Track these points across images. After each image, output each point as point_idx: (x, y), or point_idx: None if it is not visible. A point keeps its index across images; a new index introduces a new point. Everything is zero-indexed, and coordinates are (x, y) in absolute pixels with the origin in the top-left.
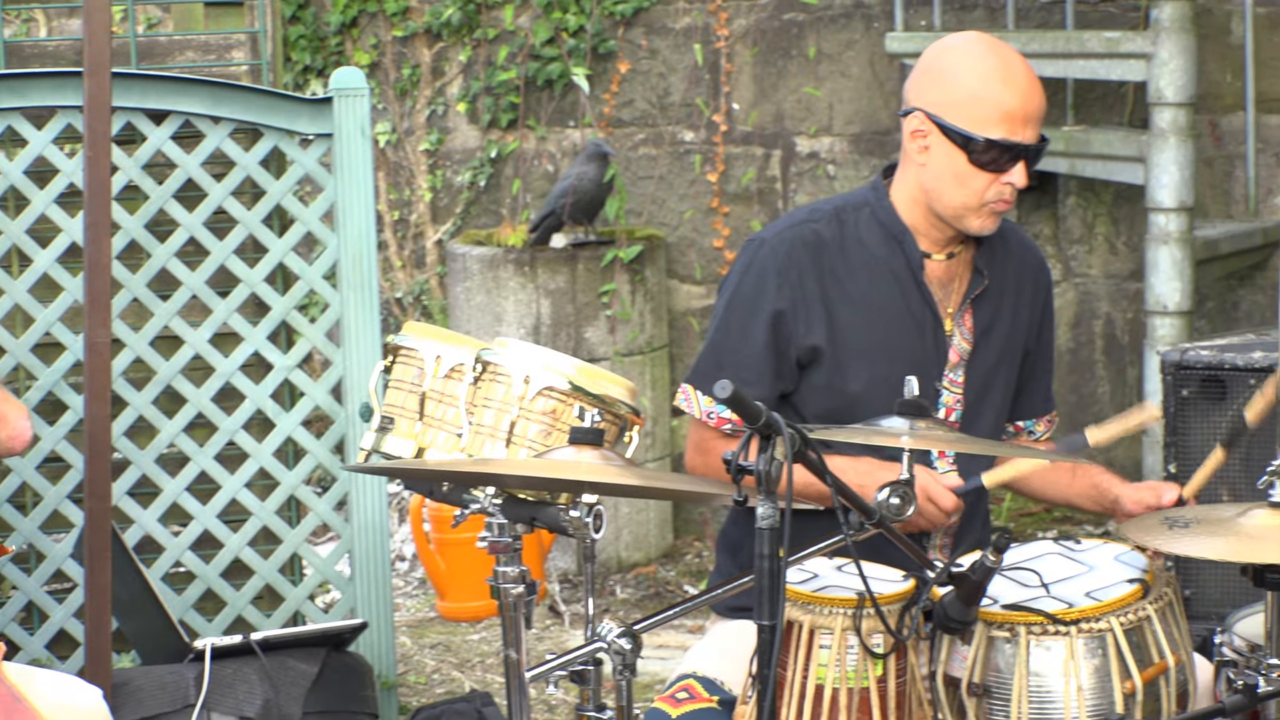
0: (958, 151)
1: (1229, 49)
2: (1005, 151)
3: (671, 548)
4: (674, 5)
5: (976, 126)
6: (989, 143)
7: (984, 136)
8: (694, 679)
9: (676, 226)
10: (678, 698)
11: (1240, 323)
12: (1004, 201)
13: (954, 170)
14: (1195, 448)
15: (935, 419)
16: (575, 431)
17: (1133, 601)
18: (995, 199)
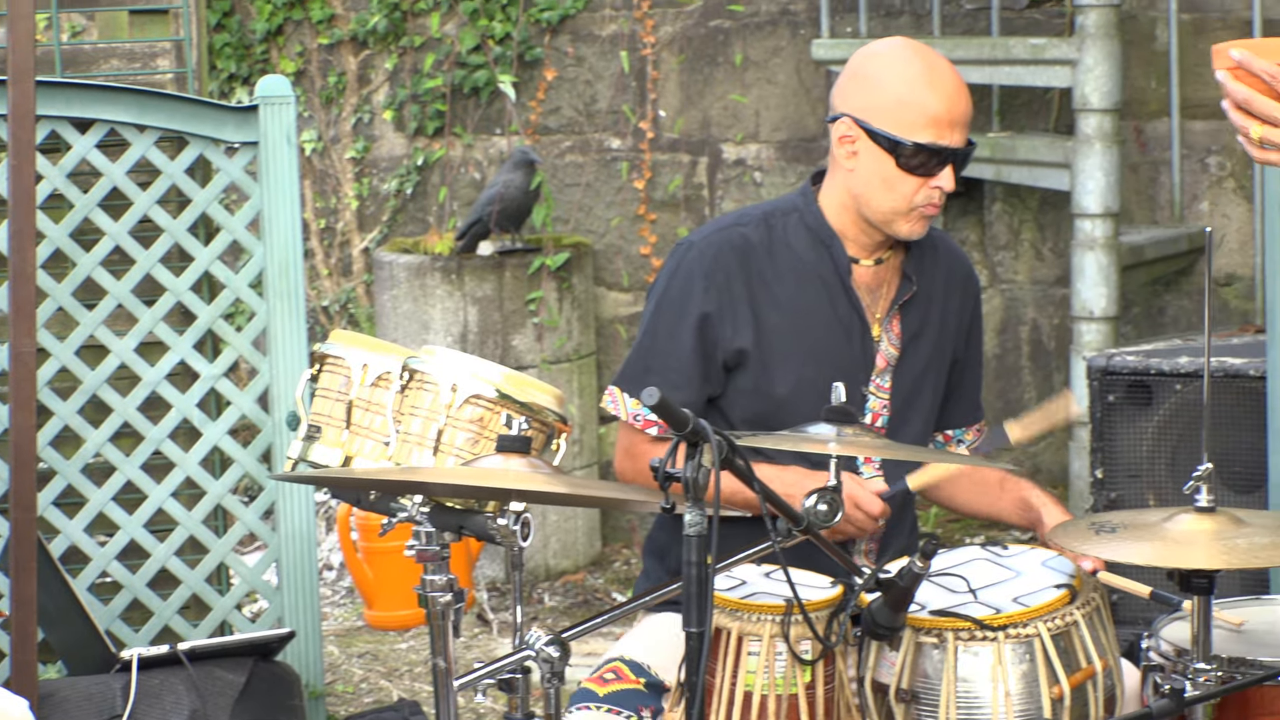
0: (886, 156)
1: (1154, 55)
2: (933, 155)
3: (599, 555)
4: (600, 12)
5: (904, 131)
6: (917, 147)
7: (911, 141)
8: (621, 662)
9: (603, 234)
10: (605, 678)
11: (1166, 328)
12: (933, 205)
13: (882, 175)
14: (1121, 453)
15: (862, 425)
16: (502, 439)
17: (1060, 607)
18: (924, 203)
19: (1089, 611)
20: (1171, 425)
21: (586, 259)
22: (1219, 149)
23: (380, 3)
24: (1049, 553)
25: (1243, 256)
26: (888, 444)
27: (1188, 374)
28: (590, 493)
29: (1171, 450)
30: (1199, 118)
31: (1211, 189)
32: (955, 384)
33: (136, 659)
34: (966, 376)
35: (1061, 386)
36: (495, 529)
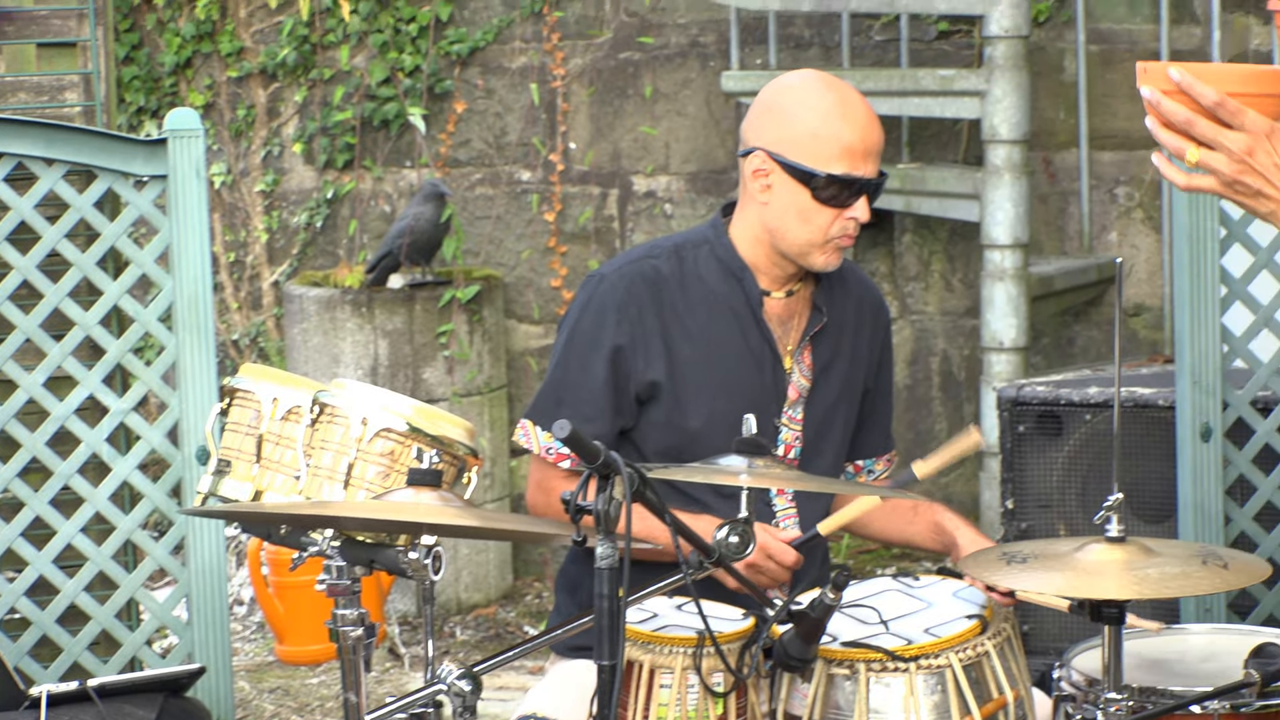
0: (801, 188)
1: (1062, 86)
2: (847, 186)
3: (511, 589)
4: (510, 45)
5: (818, 163)
6: (831, 178)
7: (826, 172)
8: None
9: (514, 266)
10: None
11: (1076, 358)
12: (848, 237)
13: (798, 207)
14: (1032, 483)
15: (774, 457)
16: (413, 473)
17: (971, 637)
18: (839, 234)
19: (1000, 642)
20: (1081, 455)
21: (497, 292)
22: (1127, 179)
23: (289, 35)
24: (960, 583)
25: (1151, 287)
26: (800, 475)
27: (1097, 404)
28: (502, 526)
29: (1082, 480)
30: (1108, 148)
31: (1120, 219)
32: (866, 415)
33: (46, 696)
34: (877, 407)
35: (972, 417)
36: (407, 563)
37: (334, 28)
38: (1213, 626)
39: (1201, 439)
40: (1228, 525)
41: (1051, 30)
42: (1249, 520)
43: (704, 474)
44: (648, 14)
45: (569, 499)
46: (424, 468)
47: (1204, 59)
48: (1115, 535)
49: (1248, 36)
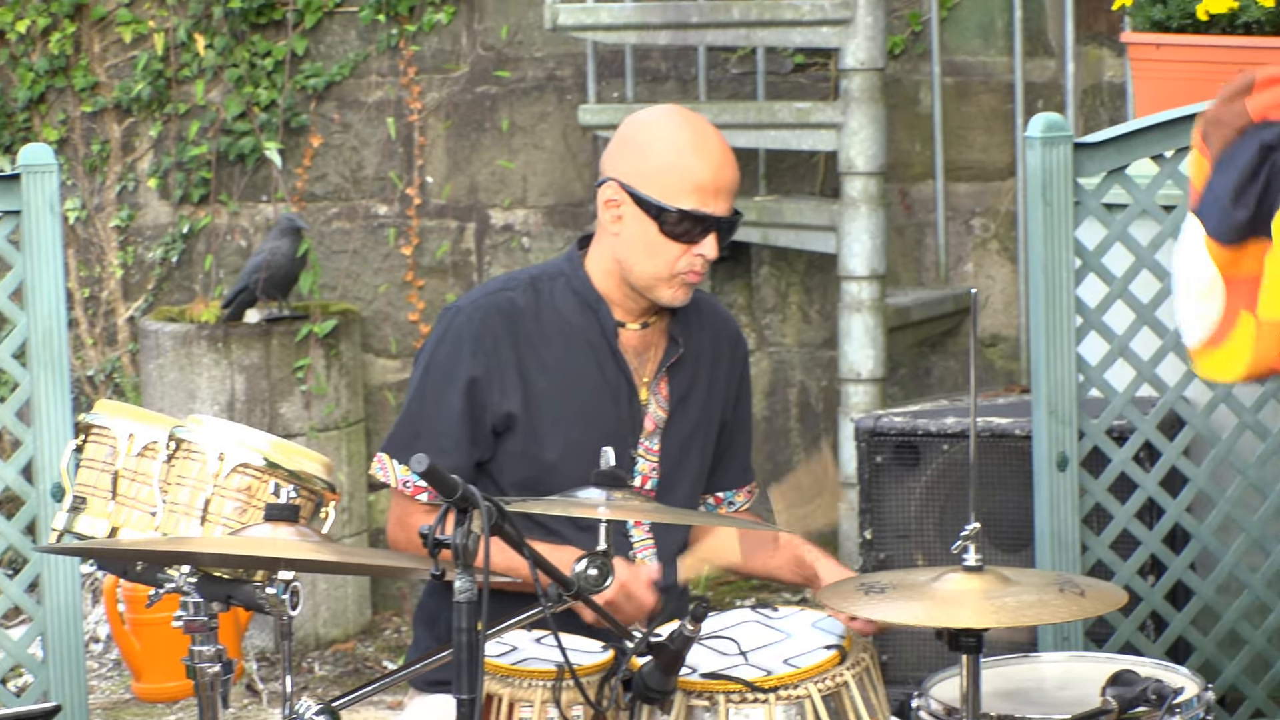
0: (650, 222)
1: (918, 118)
2: (697, 223)
3: (370, 623)
4: (366, 79)
5: (669, 197)
6: (681, 213)
7: (676, 207)
8: None
9: (371, 300)
10: None
11: (933, 389)
12: (695, 273)
13: (646, 240)
14: (890, 513)
15: (631, 489)
16: (270, 508)
17: (830, 668)
18: (686, 270)
19: (859, 672)
20: (939, 485)
21: (354, 326)
22: (983, 211)
23: (144, 70)
24: (819, 614)
25: (1007, 317)
26: (657, 507)
27: (954, 434)
28: (359, 560)
29: (939, 510)
30: (963, 180)
31: (976, 250)
32: (725, 447)
33: None
34: (736, 439)
35: (830, 448)
36: (264, 598)
37: (189, 62)
38: (1070, 655)
39: (1058, 468)
40: (1084, 553)
41: (907, 63)
42: (1105, 548)
43: (562, 506)
44: (504, 48)
45: (427, 533)
46: (281, 503)
47: (1057, 91)
48: (973, 564)
49: (1101, 68)
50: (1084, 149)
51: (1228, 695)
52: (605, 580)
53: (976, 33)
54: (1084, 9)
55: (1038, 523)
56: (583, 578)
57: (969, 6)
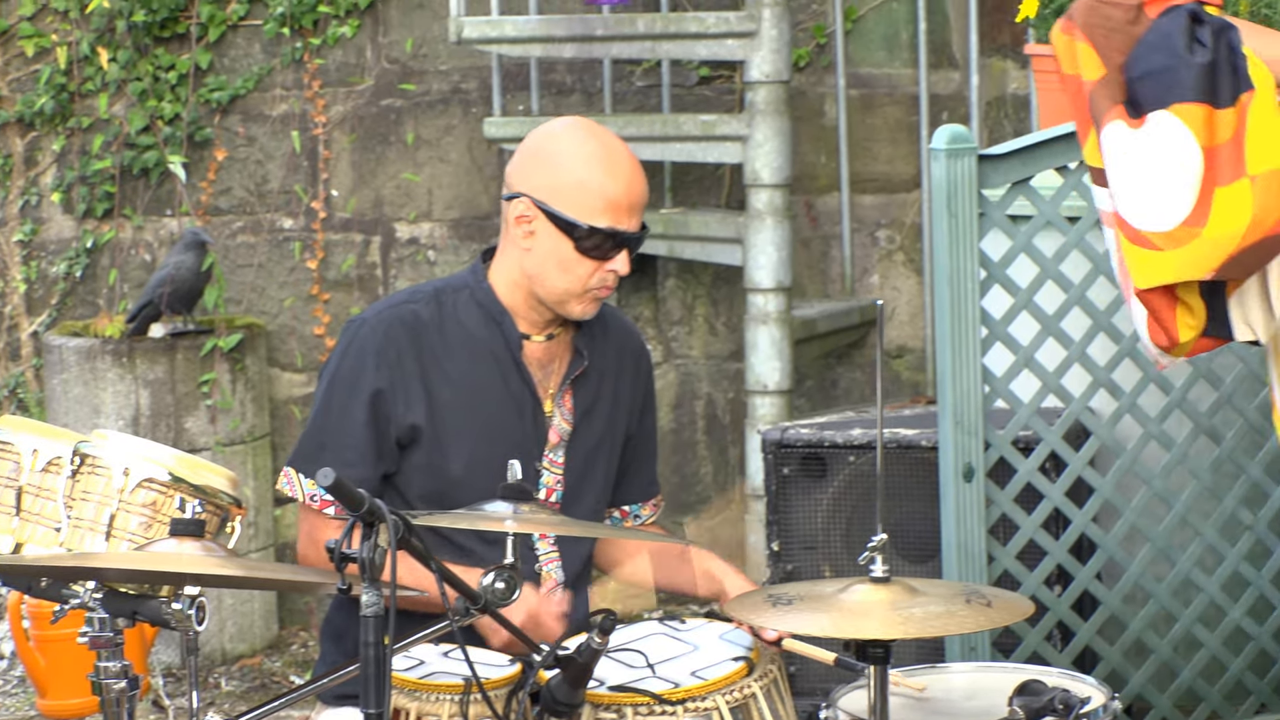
0: (564, 238)
1: (823, 130)
2: (610, 239)
3: (277, 638)
4: (271, 92)
5: (583, 215)
6: (594, 230)
7: (589, 224)
8: None
9: (276, 314)
10: None
11: (839, 400)
12: (606, 288)
13: (559, 257)
14: (797, 525)
15: (538, 502)
16: (176, 523)
17: (738, 679)
18: (598, 285)
19: (767, 683)
20: (846, 496)
21: (260, 340)
22: (888, 222)
23: (47, 84)
24: (727, 626)
25: (913, 329)
26: (563, 520)
27: (861, 445)
28: (266, 575)
29: (846, 521)
30: (869, 192)
31: (882, 262)
32: (630, 460)
33: None
34: (641, 451)
35: (737, 461)
36: (170, 614)
37: (92, 76)
38: (977, 665)
39: (964, 479)
40: (991, 564)
41: (812, 75)
42: (1011, 559)
43: (469, 520)
44: (409, 61)
45: (333, 547)
46: (187, 518)
47: (962, 103)
48: (880, 575)
49: (1005, 80)
50: (988, 161)
51: (1134, 704)
52: (512, 594)
53: (881, 45)
54: (988, 21)
55: (944, 534)
56: (490, 591)
57: (873, 19)
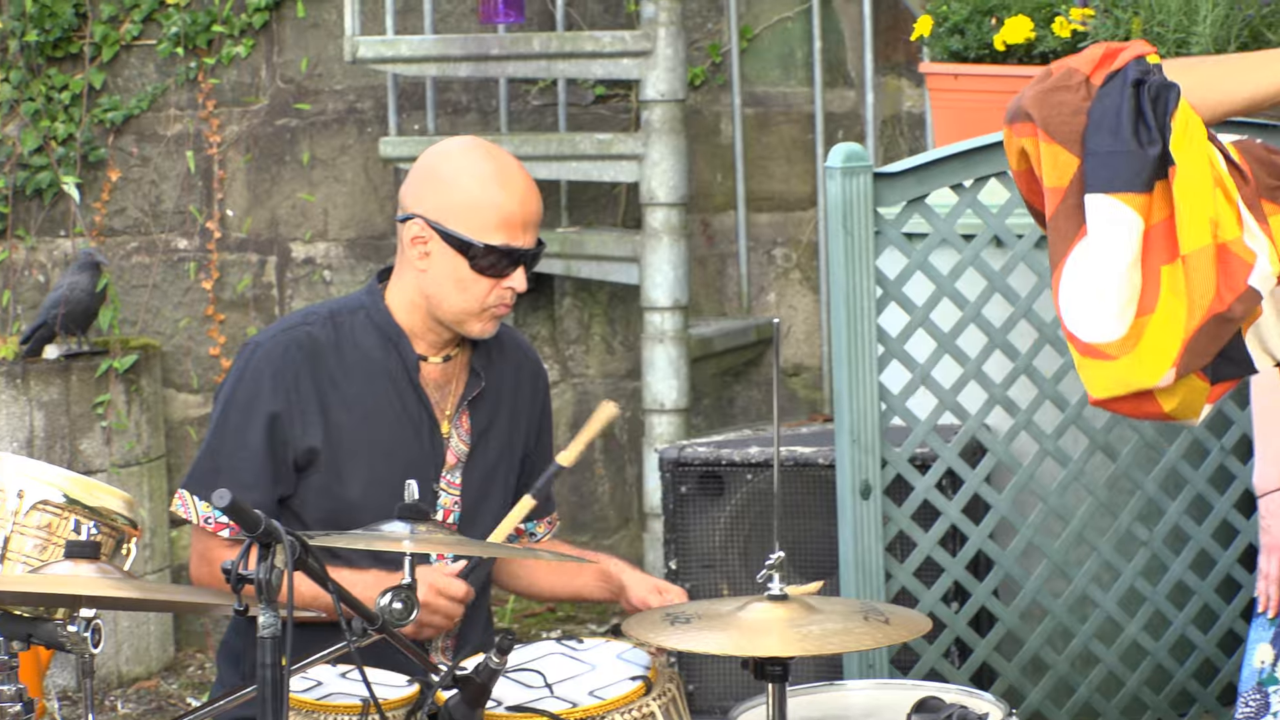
0: (459, 257)
1: (719, 149)
2: (505, 257)
3: (173, 660)
4: (165, 113)
5: (477, 233)
6: (489, 249)
7: (484, 243)
8: None
9: (172, 335)
10: None
11: (736, 418)
12: (504, 305)
13: (455, 276)
14: (695, 543)
15: (435, 522)
16: (71, 545)
17: (636, 699)
18: (496, 303)
19: (665, 702)
20: (744, 515)
21: (155, 361)
22: (785, 241)
23: None
24: (624, 645)
25: (810, 347)
26: (460, 540)
27: (758, 464)
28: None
29: (744, 539)
30: (765, 210)
31: (778, 280)
32: (527, 478)
33: None
34: (537, 471)
35: (635, 479)
36: (65, 636)
37: None
38: (875, 682)
39: (861, 496)
40: (888, 581)
41: (708, 94)
42: (909, 576)
43: (366, 541)
44: (304, 80)
45: (230, 568)
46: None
47: (857, 121)
48: (778, 594)
49: (900, 99)
50: (884, 179)
51: (1032, 719)
52: (410, 614)
53: (776, 64)
54: (883, 40)
55: (842, 551)
56: (387, 611)
57: (768, 38)
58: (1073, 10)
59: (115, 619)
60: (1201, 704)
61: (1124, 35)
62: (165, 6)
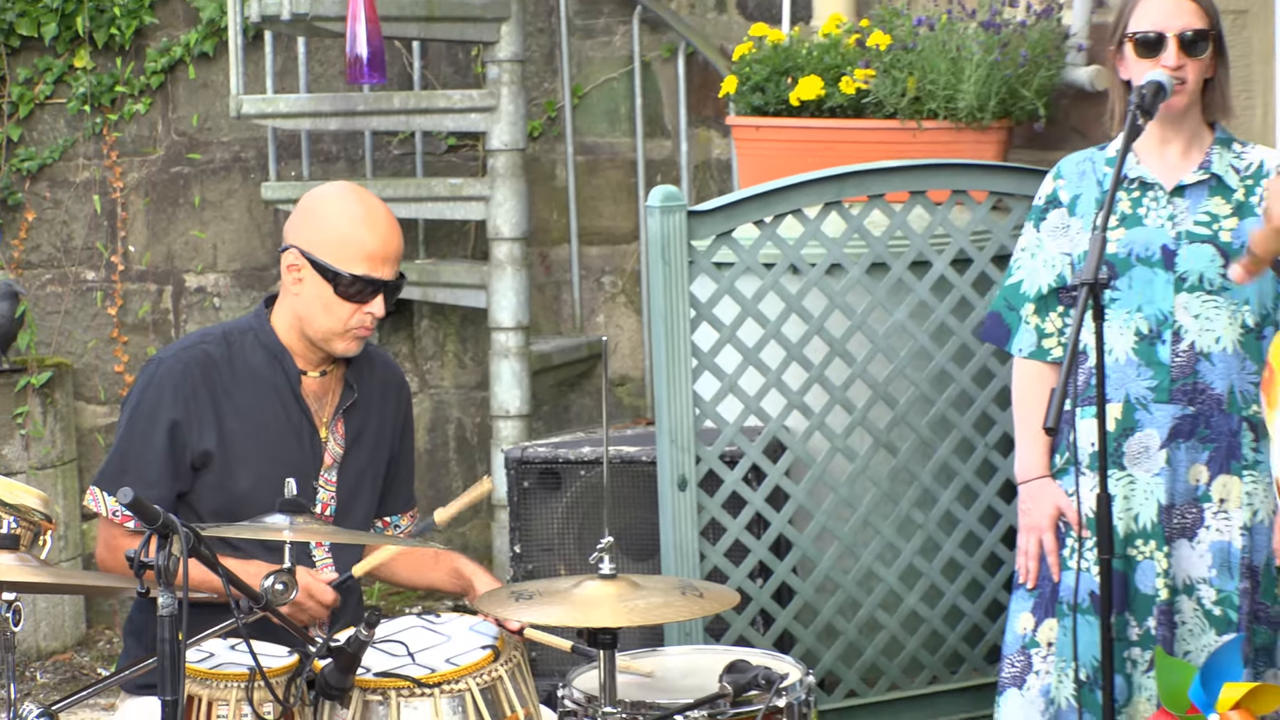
0: (326, 284)
1: (555, 191)
2: (367, 286)
3: (85, 636)
4: (75, 162)
5: (343, 264)
6: (353, 278)
7: (349, 272)
8: None
9: (82, 355)
10: None
11: (571, 423)
12: (365, 328)
13: (323, 300)
14: (536, 530)
15: (313, 514)
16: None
17: (486, 665)
18: (357, 326)
19: (511, 668)
20: (578, 505)
21: (67, 377)
22: (612, 270)
23: None
24: (476, 619)
25: (634, 360)
26: (335, 530)
27: (590, 461)
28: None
29: (579, 527)
30: (595, 244)
31: (606, 303)
32: (392, 477)
33: None
34: (401, 471)
35: (483, 475)
36: None
37: None
38: (692, 648)
39: (679, 489)
40: (702, 561)
41: (545, 143)
42: (720, 556)
43: (252, 531)
44: (195, 133)
45: (133, 556)
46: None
47: (674, 167)
48: (607, 573)
49: (710, 147)
50: (696, 216)
51: (826, 679)
52: (290, 594)
53: (604, 117)
54: (695, 96)
55: (663, 536)
56: (270, 592)
57: (596, 95)
58: (856, 71)
59: (34, 601)
60: (970, 663)
61: (901, 93)
62: (74, 70)
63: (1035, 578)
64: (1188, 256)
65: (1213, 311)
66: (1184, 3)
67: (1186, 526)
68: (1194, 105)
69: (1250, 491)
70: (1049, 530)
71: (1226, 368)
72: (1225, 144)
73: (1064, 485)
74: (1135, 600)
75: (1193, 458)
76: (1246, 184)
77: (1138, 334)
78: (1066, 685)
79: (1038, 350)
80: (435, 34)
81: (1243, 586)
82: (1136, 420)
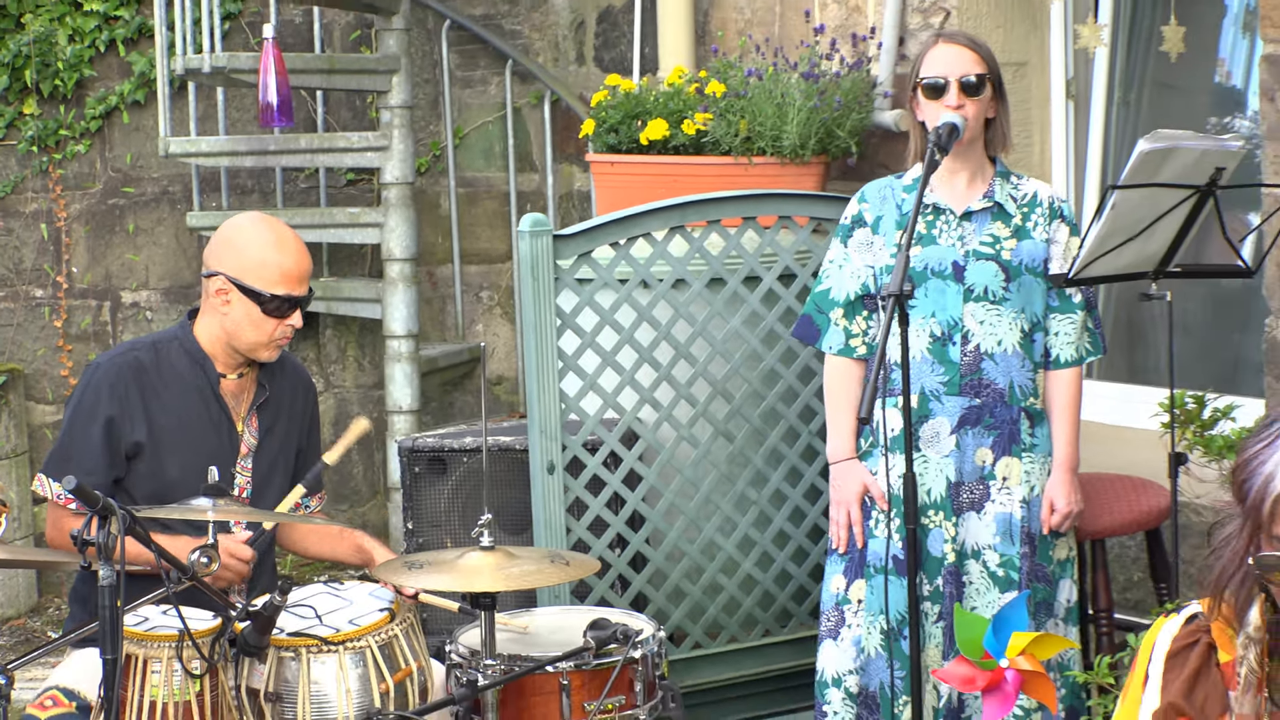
0: (253, 304)
1: (440, 218)
2: (287, 302)
3: (37, 604)
4: (24, 194)
5: (266, 286)
6: (275, 297)
7: (271, 293)
8: (57, 690)
9: (32, 361)
10: (45, 705)
11: (455, 417)
12: (286, 338)
13: (250, 318)
14: (426, 509)
15: (232, 497)
16: None
17: (383, 625)
18: (280, 336)
19: (406, 627)
20: (462, 487)
21: (20, 381)
22: (489, 285)
23: None
24: (375, 585)
25: (508, 363)
26: (251, 511)
27: (472, 449)
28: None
29: (463, 505)
30: (474, 263)
31: (485, 314)
32: (301, 466)
33: None
34: (309, 459)
35: (381, 463)
36: None
37: None
38: (560, 609)
39: (548, 472)
40: (569, 534)
41: (431, 177)
42: (584, 530)
43: (180, 512)
44: (129, 170)
45: (77, 534)
46: None
47: (541, 197)
48: (487, 545)
49: (573, 180)
50: (561, 239)
51: (675, 633)
52: (213, 565)
53: (481, 155)
54: (559, 136)
55: (535, 513)
56: (196, 564)
57: (475, 136)
58: (696, 115)
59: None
60: (798, 619)
61: (735, 134)
62: (23, 115)
63: (845, 544)
64: (974, 272)
65: (995, 318)
66: (965, 52)
67: (975, 500)
68: (977, 140)
69: (1029, 470)
70: (855, 504)
71: (1007, 366)
72: (1004, 176)
73: (869, 465)
74: (927, 562)
75: (979, 442)
76: (1023, 211)
77: (932, 336)
78: (875, 636)
79: (845, 348)
80: (336, 84)
81: (1023, 551)
82: (930, 409)
